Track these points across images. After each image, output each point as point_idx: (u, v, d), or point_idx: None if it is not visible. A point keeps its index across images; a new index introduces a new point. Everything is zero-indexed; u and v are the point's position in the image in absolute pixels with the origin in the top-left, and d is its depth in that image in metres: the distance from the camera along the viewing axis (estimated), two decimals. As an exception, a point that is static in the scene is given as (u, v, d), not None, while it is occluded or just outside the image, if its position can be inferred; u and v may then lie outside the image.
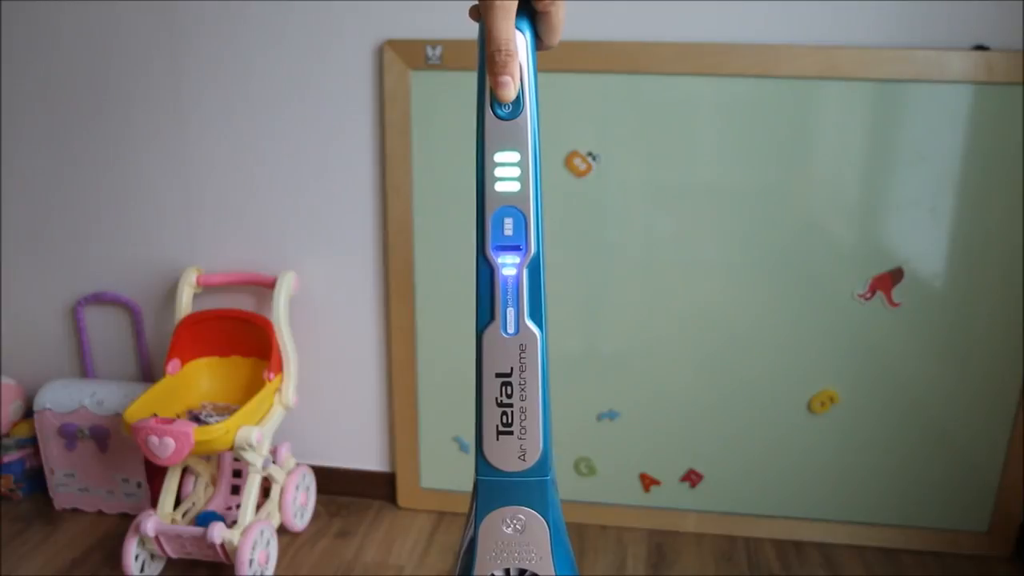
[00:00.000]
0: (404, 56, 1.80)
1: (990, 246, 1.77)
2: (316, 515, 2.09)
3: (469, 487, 2.38)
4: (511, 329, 0.69)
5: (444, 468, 2.09)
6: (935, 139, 1.72)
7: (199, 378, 1.98)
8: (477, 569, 0.72)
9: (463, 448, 2.05)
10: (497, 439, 0.70)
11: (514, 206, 0.67)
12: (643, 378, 1.95)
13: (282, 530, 1.98)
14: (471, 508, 0.74)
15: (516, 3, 0.64)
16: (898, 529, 1.97)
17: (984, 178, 1.73)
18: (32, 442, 2.10)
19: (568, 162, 1.83)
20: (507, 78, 0.65)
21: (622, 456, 2.02)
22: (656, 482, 2.02)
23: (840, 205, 1.81)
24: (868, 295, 1.82)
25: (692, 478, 2.01)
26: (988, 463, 1.90)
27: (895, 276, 1.81)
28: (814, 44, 1.71)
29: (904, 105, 1.72)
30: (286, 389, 1.93)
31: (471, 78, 2.01)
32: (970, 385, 1.86)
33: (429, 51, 1.79)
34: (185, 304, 1.96)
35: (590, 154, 1.81)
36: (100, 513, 2.08)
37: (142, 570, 1.79)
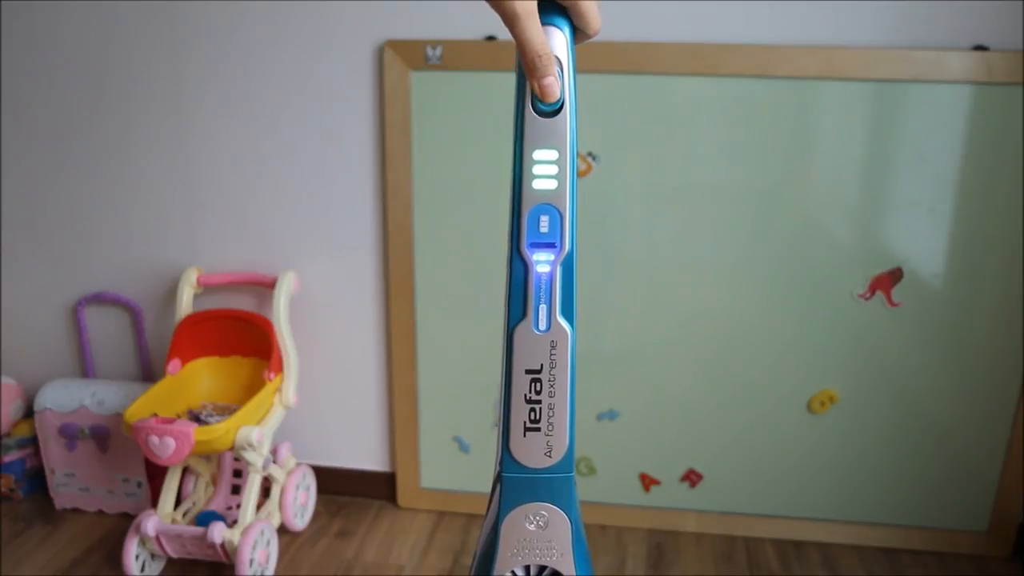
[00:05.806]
0: (404, 56, 1.80)
1: (990, 246, 1.78)
2: (316, 515, 2.09)
3: (469, 487, 2.37)
4: (543, 326, 0.69)
5: (444, 468, 2.09)
6: (935, 139, 1.73)
7: (199, 378, 1.97)
8: (497, 566, 0.72)
9: (463, 448, 2.05)
10: (524, 435, 0.70)
11: (551, 203, 0.67)
12: (643, 378, 1.96)
13: (282, 530, 1.98)
14: (491, 505, 0.74)
15: (535, 3, 0.63)
16: (898, 529, 1.98)
17: (984, 178, 1.74)
18: (32, 442, 2.09)
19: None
20: (551, 79, 0.65)
21: (622, 456, 2.02)
22: (656, 482, 2.03)
23: (840, 205, 1.82)
24: (868, 295, 1.83)
25: (692, 478, 2.01)
26: (988, 463, 1.90)
27: (895, 276, 1.81)
28: (814, 44, 1.71)
29: (904, 105, 1.73)
30: (286, 389, 1.93)
31: (471, 78, 2.00)
32: (970, 385, 1.86)
33: (429, 51, 1.78)
34: (185, 304, 1.96)
35: (590, 154, 1.82)
36: (100, 513, 2.07)
37: (142, 570, 1.79)
